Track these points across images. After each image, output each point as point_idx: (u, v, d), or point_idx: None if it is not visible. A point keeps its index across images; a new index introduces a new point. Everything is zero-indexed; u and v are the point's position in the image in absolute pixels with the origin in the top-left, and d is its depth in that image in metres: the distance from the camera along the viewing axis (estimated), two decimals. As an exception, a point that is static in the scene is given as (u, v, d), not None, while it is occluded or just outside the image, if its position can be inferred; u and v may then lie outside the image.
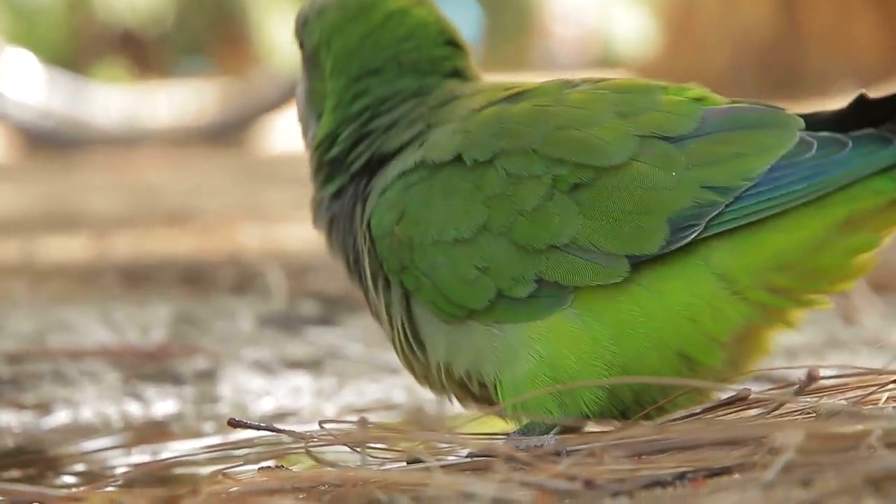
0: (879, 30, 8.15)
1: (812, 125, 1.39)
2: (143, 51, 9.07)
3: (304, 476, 1.30)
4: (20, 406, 2.02)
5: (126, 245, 3.49)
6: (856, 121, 1.38)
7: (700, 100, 1.43)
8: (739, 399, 1.40)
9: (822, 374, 1.42)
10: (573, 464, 1.24)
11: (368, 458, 1.34)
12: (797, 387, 1.41)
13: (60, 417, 1.99)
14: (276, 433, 1.47)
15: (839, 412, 1.29)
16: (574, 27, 8.67)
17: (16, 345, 2.33)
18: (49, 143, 6.96)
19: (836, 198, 1.35)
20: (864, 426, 1.18)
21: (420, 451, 1.36)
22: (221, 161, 6.39)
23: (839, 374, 1.47)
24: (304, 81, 1.59)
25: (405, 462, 1.36)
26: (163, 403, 2.04)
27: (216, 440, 1.82)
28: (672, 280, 1.36)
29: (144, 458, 1.78)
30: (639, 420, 1.41)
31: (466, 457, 1.36)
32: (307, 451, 1.36)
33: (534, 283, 1.38)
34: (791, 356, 2.09)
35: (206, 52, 9.29)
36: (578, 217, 1.37)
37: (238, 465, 1.38)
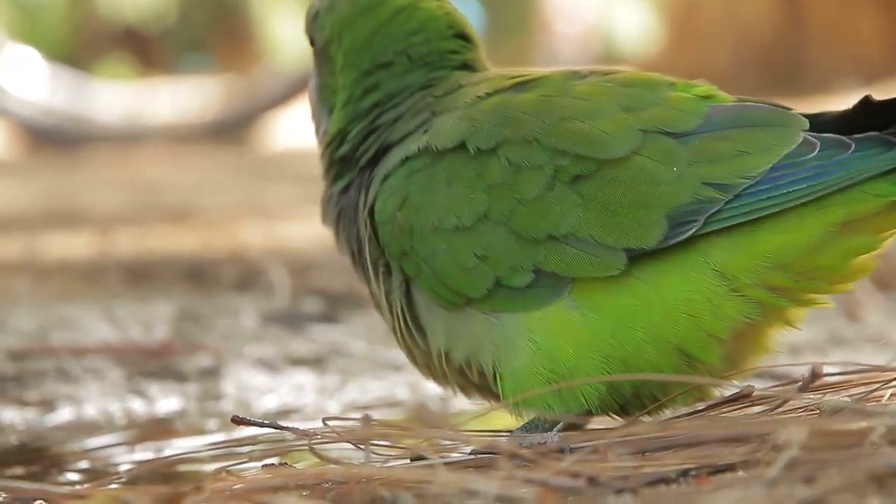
0: (882, 26, 8.15)
1: (817, 126, 1.39)
2: (146, 47, 9.06)
3: (308, 473, 1.30)
4: (23, 403, 2.03)
5: (129, 242, 3.49)
6: (861, 123, 1.38)
7: (707, 97, 1.43)
8: (743, 396, 1.40)
9: (826, 371, 1.42)
10: (577, 461, 1.24)
11: (372, 456, 1.34)
12: (801, 384, 1.41)
13: (64, 415, 1.99)
14: (280, 430, 1.48)
15: (843, 409, 1.29)
16: (576, 24, 8.66)
17: (19, 342, 2.33)
18: (52, 140, 6.95)
19: (836, 199, 1.35)
20: (868, 423, 1.18)
21: (423, 449, 1.36)
22: (224, 158, 6.38)
23: (843, 371, 1.47)
24: (316, 77, 1.59)
25: (409, 459, 1.37)
26: (166, 400, 2.04)
27: (220, 437, 1.82)
28: (671, 275, 1.36)
29: (148, 456, 1.78)
30: (640, 417, 1.41)
31: (470, 454, 1.37)
32: (311, 449, 1.36)
33: (532, 273, 1.38)
34: (794, 353, 2.09)
35: (209, 49, 9.28)
36: (578, 208, 1.37)
37: (242, 463, 1.38)
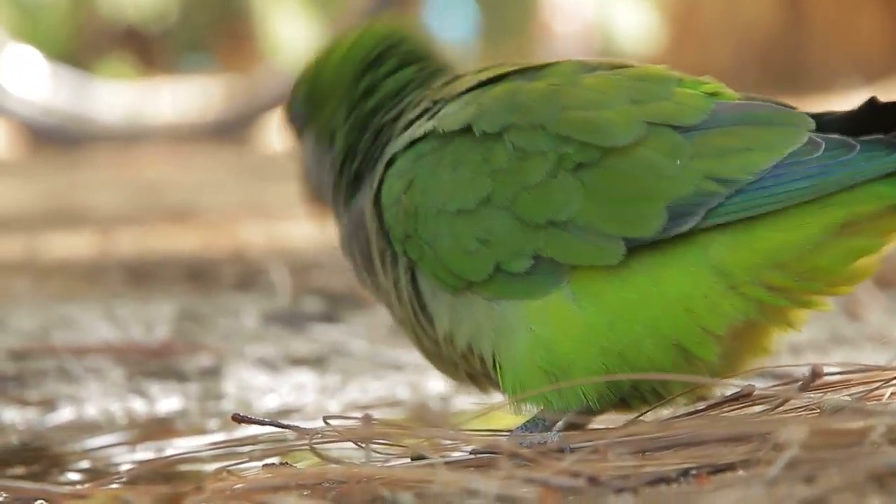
0: (884, 24, 8.14)
1: (823, 126, 1.39)
2: (147, 47, 9.06)
3: (309, 473, 1.30)
4: (24, 403, 2.03)
5: (130, 242, 3.49)
6: (868, 124, 1.38)
7: (714, 94, 1.43)
8: (743, 395, 1.40)
9: (826, 371, 1.42)
10: (577, 460, 1.24)
11: (373, 455, 1.34)
12: (801, 383, 1.41)
13: (64, 414, 1.99)
14: (281, 429, 1.48)
15: (843, 408, 1.29)
16: (575, 22, 8.65)
17: (20, 342, 2.33)
18: (53, 140, 6.94)
19: (836, 199, 1.35)
20: (868, 422, 1.18)
21: (424, 448, 1.36)
22: (225, 158, 6.38)
23: (843, 371, 1.47)
24: (305, 158, 1.62)
25: (409, 459, 1.37)
26: (167, 400, 2.05)
27: (220, 437, 1.82)
28: (669, 269, 1.36)
29: (149, 455, 1.78)
30: (640, 416, 1.41)
31: (470, 453, 1.37)
32: (311, 448, 1.36)
33: (531, 259, 1.38)
34: (795, 353, 2.09)
35: (211, 49, 9.28)
36: (580, 196, 1.37)
37: (242, 462, 1.38)
